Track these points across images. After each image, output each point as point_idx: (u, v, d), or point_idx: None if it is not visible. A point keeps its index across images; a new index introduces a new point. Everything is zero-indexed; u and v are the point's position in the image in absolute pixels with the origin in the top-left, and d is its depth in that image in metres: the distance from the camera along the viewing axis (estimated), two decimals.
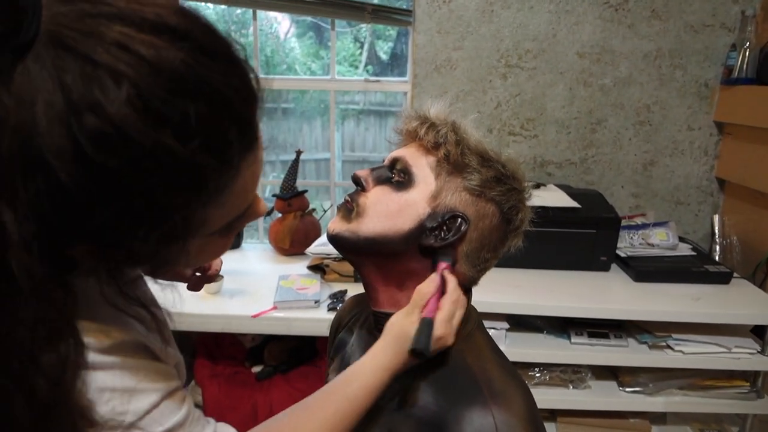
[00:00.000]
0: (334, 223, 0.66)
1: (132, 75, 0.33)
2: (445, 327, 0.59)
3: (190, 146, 0.36)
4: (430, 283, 0.61)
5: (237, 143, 0.40)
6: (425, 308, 0.59)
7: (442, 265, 0.62)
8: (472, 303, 0.71)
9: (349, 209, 0.65)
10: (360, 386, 0.57)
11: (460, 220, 0.62)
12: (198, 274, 0.75)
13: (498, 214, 0.63)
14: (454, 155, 0.62)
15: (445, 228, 0.62)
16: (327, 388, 0.59)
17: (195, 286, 0.75)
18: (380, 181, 0.65)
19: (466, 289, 0.68)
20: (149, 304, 0.52)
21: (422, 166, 0.64)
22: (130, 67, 0.33)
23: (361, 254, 0.66)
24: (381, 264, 0.65)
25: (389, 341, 0.60)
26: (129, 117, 0.33)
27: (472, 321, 0.68)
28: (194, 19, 0.38)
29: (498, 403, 0.58)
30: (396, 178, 0.64)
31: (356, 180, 0.66)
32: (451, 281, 0.62)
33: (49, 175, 0.32)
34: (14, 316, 0.33)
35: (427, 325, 0.57)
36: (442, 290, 0.61)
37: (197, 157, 0.36)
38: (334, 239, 0.66)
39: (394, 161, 0.66)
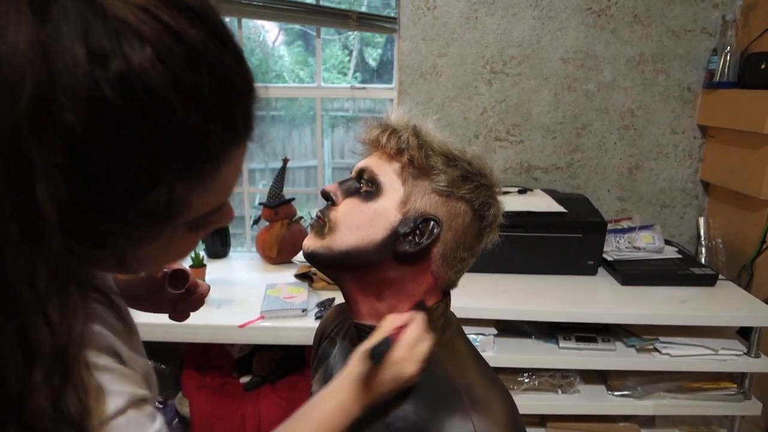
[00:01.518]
0: (308, 241, 0.66)
1: (154, 39, 0.34)
2: (404, 350, 0.58)
3: (199, 116, 0.37)
4: (399, 315, 0.62)
5: (240, 128, 0.42)
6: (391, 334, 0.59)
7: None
8: (454, 309, 0.71)
9: (321, 225, 0.65)
10: (328, 410, 0.58)
11: (432, 222, 0.62)
12: (180, 303, 0.71)
13: (470, 211, 0.63)
14: (418, 159, 0.62)
15: (418, 232, 0.62)
16: (298, 413, 0.59)
17: (179, 315, 0.72)
18: (349, 193, 0.65)
19: (445, 293, 0.68)
20: (109, 292, 0.49)
21: (388, 173, 0.63)
22: (153, 30, 0.34)
23: (339, 268, 0.66)
24: (359, 276, 0.65)
25: (353, 362, 0.60)
26: (150, 72, 0.34)
27: (452, 327, 0.68)
28: (209, 6, 0.39)
29: (478, 411, 0.58)
30: (364, 189, 0.64)
31: (326, 195, 0.66)
32: (420, 316, 0.62)
33: (62, 115, 0.33)
34: (33, 255, 0.33)
35: (386, 341, 0.58)
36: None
37: (203, 129, 0.38)
38: (309, 257, 0.65)
39: (361, 172, 0.66)
